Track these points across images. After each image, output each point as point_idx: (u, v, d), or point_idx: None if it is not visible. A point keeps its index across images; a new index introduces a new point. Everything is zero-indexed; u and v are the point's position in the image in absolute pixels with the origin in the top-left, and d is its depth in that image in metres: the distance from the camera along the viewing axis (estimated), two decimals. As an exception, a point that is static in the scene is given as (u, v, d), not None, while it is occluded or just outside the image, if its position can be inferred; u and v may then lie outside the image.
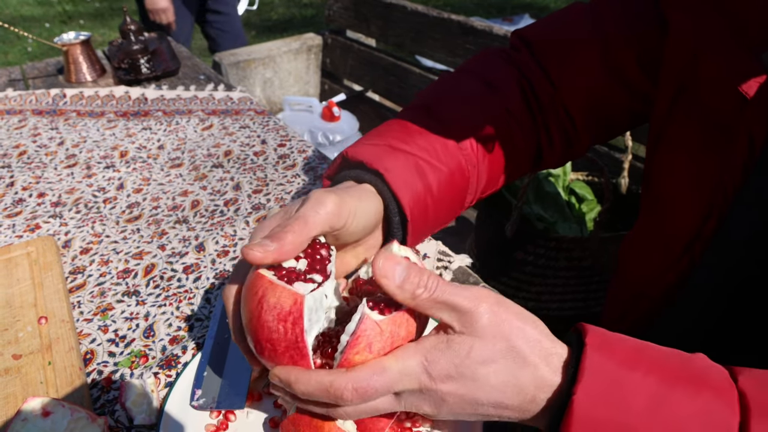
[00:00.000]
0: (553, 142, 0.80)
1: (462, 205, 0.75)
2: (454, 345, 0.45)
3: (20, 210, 1.03)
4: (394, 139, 0.68)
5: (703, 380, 0.44)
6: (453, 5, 5.33)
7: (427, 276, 0.46)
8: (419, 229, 0.67)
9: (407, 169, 0.65)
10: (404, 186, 0.64)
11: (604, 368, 0.43)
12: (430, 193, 0.67)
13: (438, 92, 0.77)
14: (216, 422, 0.63)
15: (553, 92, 0.78)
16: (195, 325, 0.77)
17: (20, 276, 0.83)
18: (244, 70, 2.77)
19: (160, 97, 1.46)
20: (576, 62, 0.77)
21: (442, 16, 2.15)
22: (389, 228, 0.65)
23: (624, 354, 0.45)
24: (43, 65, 1.70)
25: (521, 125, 0.77)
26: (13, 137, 1.29)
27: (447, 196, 0.70)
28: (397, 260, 0.46)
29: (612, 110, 0.79)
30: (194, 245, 0.92)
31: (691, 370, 0.45)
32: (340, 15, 2.73)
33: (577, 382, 0.43)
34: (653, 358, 0.45)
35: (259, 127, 1.30)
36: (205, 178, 1.11)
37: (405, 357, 0.46)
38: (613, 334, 0.47)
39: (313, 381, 0.46)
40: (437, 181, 0.68)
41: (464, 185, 0.72)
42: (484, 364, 0.45)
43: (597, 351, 0.44)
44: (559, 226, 1.50)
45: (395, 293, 0.45)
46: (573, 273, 1.41)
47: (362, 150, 0.66)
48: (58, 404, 0.58)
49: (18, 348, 0.72)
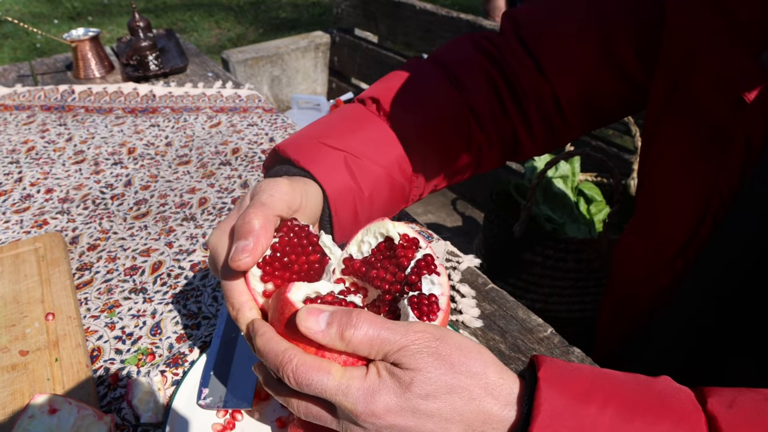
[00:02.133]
0: (533, 132, 0.78)
1: (404, 199, 0.74)
2: (395, 375, 0.43)
3: (28, 206, 1.03)
4: (327, 136, 0.68)
5: (663, 407, 0.42)
6: (461, 4, 5.32)
7: (356, 315, 0.43)
8: (348, 225, 0.66)
9: (335, 165, 0.65)
10: (331, 182, 0.64)
11: (559, 404, 0.42)
12: (359, 190, 0.66)
13: (392, 84, 0.75)
14: (223, 421, 0.63)
15: (540, 80, 0.76)
16: (202, 323, 0.77)
17: (28, 272, 0.83)
18: (252, 68, 2.77)
19: (168, 94, 1.45)
20: (573, 52, 0.75)
21: (451, 15, 2.14)
22: (321, 220, 0.64)
23: (579, 387, 0.43)
24: (51, 61, 1.70)
25: (486, 119, 0.75)
26: (21, 133, 1.29)
27: (383, 195, 0.69)
28: (319, 309, 0.44)
29: (606, 99, 0.77)
30: (202, 243, 0.92)
31: (650, 397, 0.43)
32: (348, 13, 2.72)
33: (533, 420, 0.41)
34: (610, 388, 0.43)
35: (267, 125, 1.29)
36: (212, 175, 1.11)
37: (350, 376, 0.43)
38: (568, 365, 0.46)
39: (272, 342, 0.45)
40: (371, 178, 0.67)
41: (404, 181, 0.71)
42: (426, 398, 0.42)
43: (551, 386, 0.43)
44: (568, 227, 1.49)
45: (322, 340, 0.43)
46: (581, 275, 1.40)
47: (291, 147, 0.66)
48: (65, 401, 0.58)
49: (25, 344, 0.72)
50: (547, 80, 0.76)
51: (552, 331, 0.74)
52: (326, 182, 0.63)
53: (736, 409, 0.42)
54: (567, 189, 1.57)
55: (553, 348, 0.71)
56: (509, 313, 0.77)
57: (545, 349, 0.71)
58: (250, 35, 5.00)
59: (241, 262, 0.48)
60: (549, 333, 0.73)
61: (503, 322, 0.75)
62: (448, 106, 0.74)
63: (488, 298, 0.79)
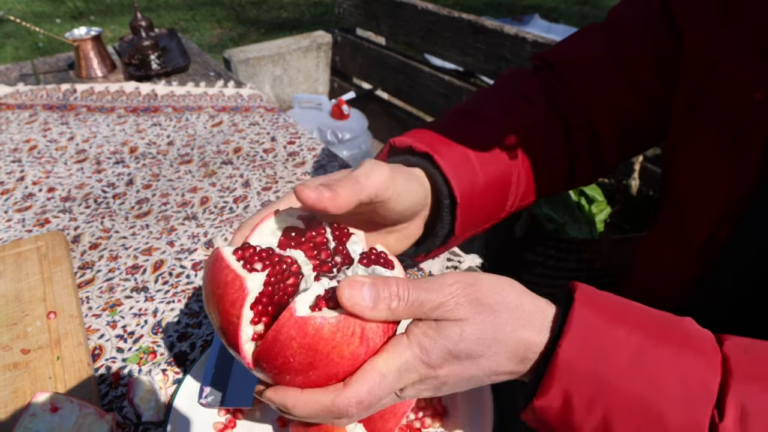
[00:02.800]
0: (580, 158, 0.80)
1: (504, 207, 0.74)
2: (443, 330, 0.45)
3: (30, 204, 1.03)
4: (440, 132, 0.68)
5: (687, 341, 0.45)
6: (462, 4, 5.32)
7: (395, 284, 0.45)
8: (467, 216, 0.66)
9: (456, 156, 0.66)
10: (454, 169, 0.64)
11: (590, 323, 0.45)
12: (477, 183, 0.67)
13: (477, 100, 0.78)
14: (224, 420, 0.63)
15: (575, 108, 0.78)
16: (203, 322, 0.77)
17: (29, 270, 0.83)
18: (254, 67, 2.77)
19: (170, 93, 1.45)
20: (593, 78, 0.78)
21: (453, 15, 2.14)
22: (438, 211, 0.65)
23: (611, 311, 0.46)
24: (54, 60, 1.70)
25: (555, 139, 0.77)
26: (23, 132, 1.29)
27: (492, 192, 0.70)
28: (360, 282, 0.44)
29: (635, 122, 0.79)
30: (203, 242, 0.92)
31: (676, 331, 0.46)
32: (350, 13, 2.72)
33: (563, 334, 0.44)
34: (640, 317, 0.46)
35: (269, 125, 1.29)
36: (214, 174, 1.11)
37: (399, 354, 0.45)
38: (602, 293, 0.48)
39: (312, 403, 0.45)
40: (484, 174, 0.68)
41: (507, 186, 0.72)
42: (476, 343, 0.45)
43: (585, 306, 0.45)
44: (569, 227, 1.49)
45: (372, 316, 0.44)
46: (583, 275, 1.40)
47: (409, 138, 0.67)
48: (67, 400, 0.58)
49: (27, 342, 0.72)
50: (578, 107, 0.78)
51: (553, 331, 0.74)
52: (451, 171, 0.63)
53: (749, 354, 0.44)
54: (568, 189, 1.57)
55: (554, 348, 0.71)
56: (510, 313, 0.77)
57: (546, 348, 0.71)
58: (252, 35, 5.00)
59: (307, 191, 0.47)
60: (550, 333, 0.73)
61: (504, 322, 0.75)
62: (534, 122, 0.76)
63: (489, 298, 0.79)
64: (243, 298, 0.43)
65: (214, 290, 0.44)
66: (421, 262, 0.83)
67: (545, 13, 5.07)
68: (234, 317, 0.43)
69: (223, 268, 0.44)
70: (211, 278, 0.44)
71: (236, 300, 0.43)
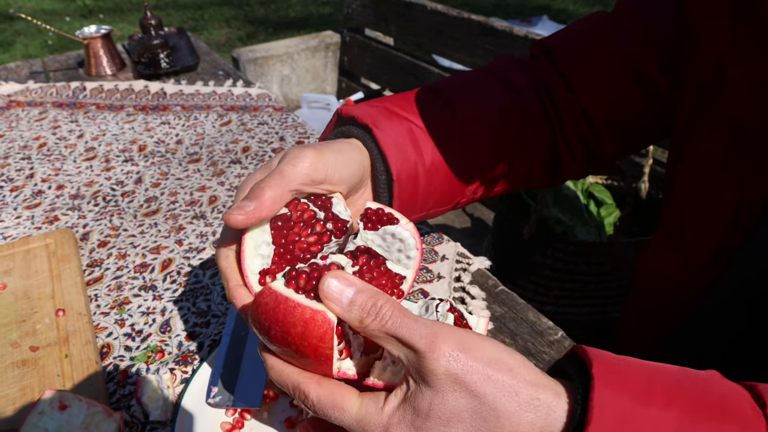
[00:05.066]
0: (572, 151, 0.78)
1: (463, 192, 0.72)
2: (414, 401, 0.40)
3: (39, 202, 1.04)
4: (394, 105, 0.67)
5: (726, 410, 0.39)
6: (471, 5, 5.31)
7: (383, 302, 0.41)
8: (407, 195, 0.64)
9: (399, 131, 0.64)
10: (393, 145, 0.62)
11: (618, 406, 0.38)
12: (421, 161, 0.65)
13: (452, 81, 0.76)
14: (232, 420, 0.63)
15: (571, 98, 0.76)
16: (211, 321, 0.77)
17: (38, 267, 0.83)
18: (262, 67, 2.77)
19: (179, 92, 1.46)
20: (595, 67, 0.76)
21: (462, 16, 2.14)
22: (375, 187, 0.63)
23: (637, 386, 0.39)
24: (63, 58, 1.71)
25: (536, 130, 0.75)
26: (33, 129, 1.29)
27: (442, 173, 0.67)
28: (348, 281, 0.42)
29: (635, 117, 0.77)
30: (211, 241, 0.92)
31: (710, 398, 0.40)
32: (358, 13, 2.72)
33: (587, 422, 0.37)
34: (669, 388, 0.40)
35: (278, 124, 1.29)
36: (223, 173, 1.11)
37: (368, 411, 0.42)
38: (620, 361, 0.42)
39: (284, 375, 0.45)
40: (431, 152, 0.66)
41: (465, 170, 0.70)
42: (447, 425, 0.39)
43: (607, 385, 0.39)
44: (578, 230, 1.49)
45: (341, 316, 0.42)
46: (591, 278, 1.40)
47: (356, 108, 0.65)
48: (75, 398, 0.58)
49: (35, 340, 0.72)
50: (577, 99, 0.76)
51: (562, 335, 0.73)
52: (388, 147, 0.61)
53: None
54: (577, 191, 1.56)
55: (564, 351, 0.70)
56: (519, 316, 0.76)
57: (555, 352, 0.71)
58: (260, 34, 5.01)
59: (232, 217, 0.47)
60: (559, 336, 0.73)
61: (513, 325, 0.75)
62: (510, 108, 0.74)
63: (498, 300, 0.79)
64: (330, 329, 0.43)
65: (290, 330, 0.43)
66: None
67: (554, 14, 5.05)
68: (326, 349, 0.43)
69: (295, 308, 0.43)
70: (284, 320, 0.43)
71: (324, 334, 0.42)
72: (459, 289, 0.81)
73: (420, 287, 0.81)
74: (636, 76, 0.74)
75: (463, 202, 0.75)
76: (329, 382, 0.44)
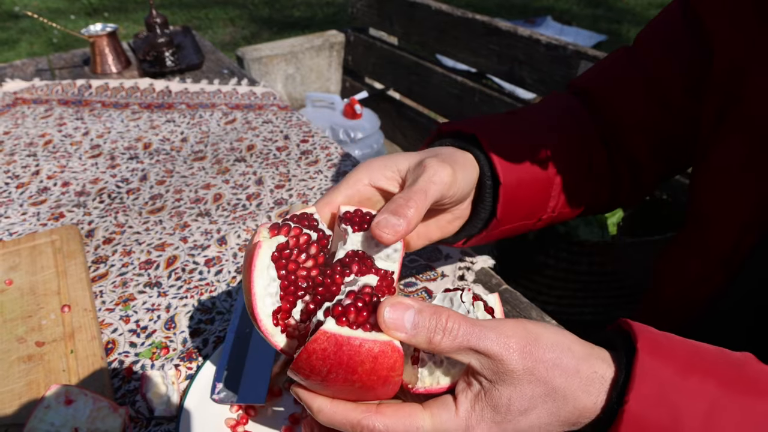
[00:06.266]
0: (621, 178, 0.81)
1: (545, 207, 0.74)
2: (491, 400, 0.42)
3: (45, 198, 1.04)
4: (488, 123, 0.70)
5: (759, 386, 0.42)
6: (475, 6, 5.30)
7: (446, 317, 0.42)
8: (510, 202, 0.66)
9: (503, 143, 0.66)
10: (500, 153, 0.64)
11: (659, 374, 0.42)
12: (523, 171, 0.67)
13: (525, 109, 0.79)
14: (236, 416, 0.63)
15: (611, 133, 0.80)
16: (216, 318, 0.77)
17: (44, 264, 0.84)
18: (267, 66, 2.78)
19: (184, 90, 1.46)
20: (624, 103, 0.79)
21: (467, 16, 2.14)
22: (481, 194, 0.65)
23: (678, 358, 0.43)
24: (69, 56, 1.71)
25: (599, 155, 0.78)
26: (39, 126, 1.30)
27: (536, 186, 0.70)
28: (404, 305, 0.42)
29: (670, 142, 0.80)
30: (216, 238, 0.92)
31: (746, 375, 0.43)
32: (363, 13, 2.72)
33: (630, 389, 0.41)
34: (708, 362, 0.43)
35: (282, 123, 1.29)
36: (227, 171, 1.11)
37: (441, 420, 0.43)
38: (663, 336, 0.45)
39: (338, 414, 0.44)
40: (528, 168, 0.68)
41: (549, 187, 0.72)
42: (525, 413, 0.43)
43: (650, 355, 0.42)
44: (581, 229, 1.48)
45: (409, 341, 0.42)
46: (594, 278, 1.40)
47: (457, 124, 0.68)
48: (81, 393, 0.58)
49: (41, 335, 0.72)
50: (613, 131, 0.80)
51: (566, 334, 0.73)
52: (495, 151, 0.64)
53: None
54: (581, 192, 1.56)
55: (567, 350, 0.71)
56: (523, 315, 0.76)
57: (559, 351, 0.71)
58: (264, 33, 5.02)
59: (385, 235, 0.48)
60: (563, 335, 0.73)
61: (517, 324, 0.75)
62: (578, 133, 0.77)
63: (502, 299, 0.79)
64: (401, 356, 0.43)
65: (357, 369, 0.42)
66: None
67: (558, 15, 5.04)
68: (396, 376, 0.43)
69: (360, 346, 0.41)
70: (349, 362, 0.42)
71: (395, 362, 0.43)
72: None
73: (424, 285, 0.81)
74: (660, 101, 0.76)
75: (545, 219, 0.76)
76: (387, 407, 0.44)
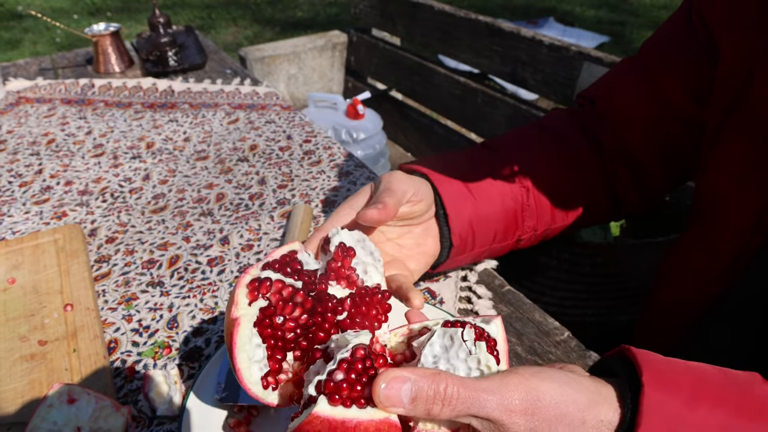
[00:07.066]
0: (626, 187, 0.82)
1: (515, 230, 0.79)
2: None
3: (48, 197, 1.04)
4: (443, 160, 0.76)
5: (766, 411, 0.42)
6: (477, 6, 5.30)
7: (445, 385, 0.40)
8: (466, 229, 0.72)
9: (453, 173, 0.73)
10: (448, 185, 0.72)
11: (666, 409, 0.41)
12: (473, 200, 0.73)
13: (502, 137, 0.84)
14: (239, 416, 0.63)
15: (617, 142, 0.80)
16: (218, 318, 0.77)
17: (47, 262, 0.84)
18: (269, 66, 2.78)
19: (186, 90, 1.46)
20: (630, 111, 0.81)
21: (470, 17, 2.14)
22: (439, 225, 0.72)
23: (684, 389, 0.42)
24: (72, 55, 1.71)
25: (588, 171, 0.80)
26: (42, 125, 1.30)
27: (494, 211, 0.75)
28: (400, 378, 0.39)
29: (678, 148, 0.81)
30: (219, 238, 0.92)
31: (753, 399, 0.42)
32: (366, 13, 2.72)
33: (637, 426, 0.40)
34: (714, 390, 0.42)
35: (285, 123, 1.29)
36: (230, 171, 1.11)
37: None
38: (667, 363, 0.44)
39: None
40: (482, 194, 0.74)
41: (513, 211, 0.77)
42: None
43: (656, 389, 0.41)
44: (583, 231, 1.48)
45: (407, 415, 0.41)
46: (597, 279, 1.39)
47: (413, 165, 0.75)
48: (84, 392, 0.58)
49: (44, 334, 0.72)
50: (619, 141, 0.81)
51: (569, 335, 0.73)
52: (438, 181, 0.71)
53: None
54: (583, 193, 1.56)
55: (570, 352, 0.71)
56: (526, 316, 0.76)
57: (561, 352, 0.71)
58: (267, 33, 5.02)
59: (369, 213, 0.58)
60: (566, 336, 0.73)
61: (519, 325, 0.75)
62: (556, 155, 0.81)
63: (504, 300, 0.79)
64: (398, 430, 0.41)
65: None
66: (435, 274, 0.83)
67: (560, 16, 5.04)
68: None
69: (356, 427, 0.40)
70: None
71: None
72: (465, 289, 0.81)
73: (426, 286, 0.81)
74: (664, 106, 0.78)
75: (527, 238, 0.80)
76: None
